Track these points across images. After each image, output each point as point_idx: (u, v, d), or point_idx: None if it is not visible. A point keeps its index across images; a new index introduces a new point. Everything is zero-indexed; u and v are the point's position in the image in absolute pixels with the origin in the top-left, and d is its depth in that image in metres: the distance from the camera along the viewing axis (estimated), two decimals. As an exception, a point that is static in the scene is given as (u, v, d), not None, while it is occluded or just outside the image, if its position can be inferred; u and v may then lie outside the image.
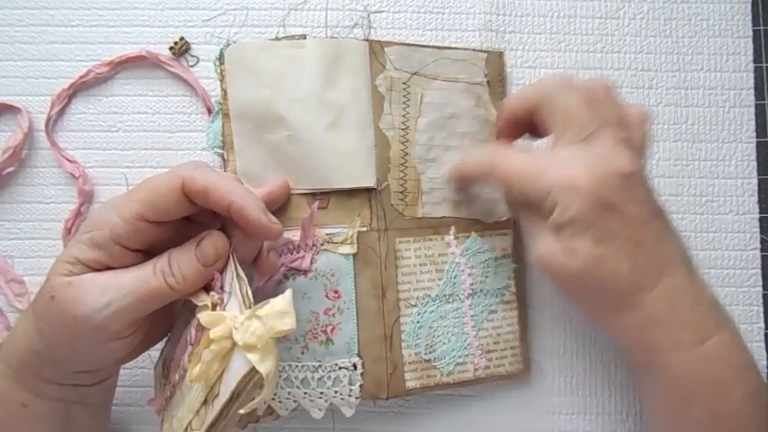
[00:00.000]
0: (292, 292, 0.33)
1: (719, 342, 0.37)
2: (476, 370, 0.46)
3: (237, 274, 0.35)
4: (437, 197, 0.46)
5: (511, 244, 0.48)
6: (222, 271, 0.36)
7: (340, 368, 0.44)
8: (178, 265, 0.35)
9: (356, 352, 0.44)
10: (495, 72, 0.48)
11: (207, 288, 0.36)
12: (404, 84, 0.46)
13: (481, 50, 0.48)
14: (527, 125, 0.42)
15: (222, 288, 0.35)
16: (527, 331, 0.48)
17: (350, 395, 0.44)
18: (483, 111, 0.47)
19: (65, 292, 0.34)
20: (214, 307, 0.35)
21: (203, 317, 0.33)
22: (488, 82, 0.48)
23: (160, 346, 0.42)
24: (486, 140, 0.47)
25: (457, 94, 0.47)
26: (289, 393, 0.44)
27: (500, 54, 0.49)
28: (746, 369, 0.38)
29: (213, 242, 0.36)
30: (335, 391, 0.44)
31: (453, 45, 0.49)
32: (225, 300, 0.35)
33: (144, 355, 0.44)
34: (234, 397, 0.32)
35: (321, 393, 0.44)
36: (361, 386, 0.44)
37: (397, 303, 0.45)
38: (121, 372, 0.44)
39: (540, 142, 0.44)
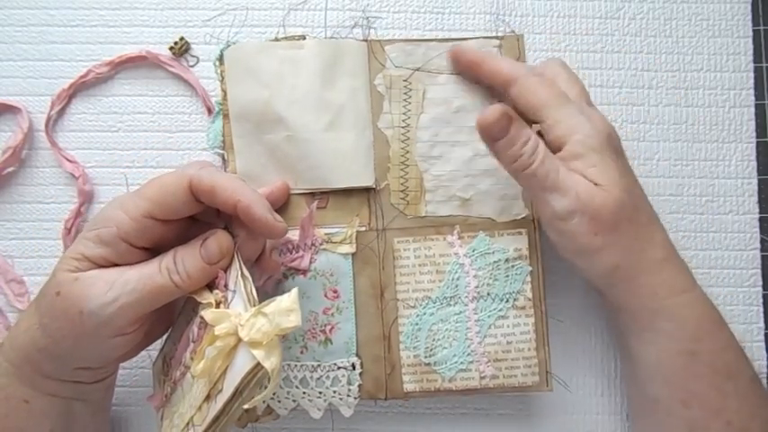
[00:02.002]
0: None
1: (700, 289, 0.42)
2: (482, 378, 0.45)
3: (242, 273, 0.36)
4: (442, 195, 0.46)
5: (526, 245, 0.46)
6: (226, 269, 0.37)
7: (339, 368, 0.45)
8: (183, 263, 0.36)
9: (355, 352, 0.45)
10: (513, 58, 0.47)
11: (210, 286, 0.38)
12: (405, 81, 0.47)
13: (495, 37, 0.48)
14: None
15: (226, 286, 0.37)
16: (546, 341, 0.46)
17: (348, 395, 0.45)
18: (496, 101, 0.45)
19: (71, 288, 0.36)
20: (218, 305, 0.36)
21: (208, 314, 0.35)
22: None
23: (158, 344, 0.43)
24: None
25: (465, 87, 0.47)
26: (288, 393, 0.45)
27: (518, 38, 0.48)
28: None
29: (218, 241, 0.37)
30: (334, 391, 0.45)
31: (462, 36, 0.49)
32: (229, 298, 0.36)
33: (144, 356, 0.45)
34: (237, 393, 0.34)
35: (320, 393, 0.45)
36: (359, 386, 0.45)
37: (395, 304, 0.46)
38: (121, 372, 0.45)
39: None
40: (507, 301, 0.45)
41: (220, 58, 0.46)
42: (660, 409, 0.42)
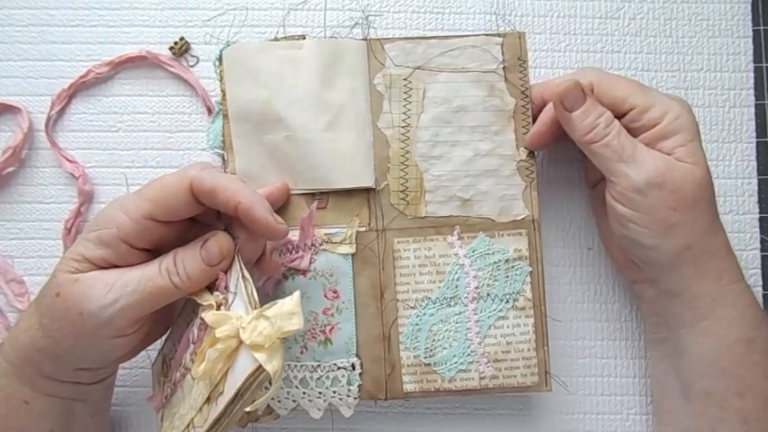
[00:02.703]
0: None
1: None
2: (481, 379, 0.45)
3: (243, 275, 0.36)
4: (442, 195, 0.46)
5: (526, 245, 0.46)
6: (227, 271, 0.38)
7: (338, 368, 0.45)
8: (183, 265, 0.37)
9: (354, 352, 0.45)
10: (514, 56, 0.47)
11: (211, 288, 0.38)
12: (405, 80, 0.47)
13: (496, 34, 0.47)
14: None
15: (227, 288, 0.37)
16: (545, 341, 0.46)
17: (348, 395, 0.45)
18: (497, 100, 0.46)
19: (71, 289, 0.36)
20: (218, 307, 0.36)
21: (209, 316, 0.35)
22: (505, 68, 0.47)
23: (158, 344, 0.43)
24: (501, 132, 0.46)
25: (466, 85, 0.47)
26: (288, 393, 0.45)
27: (520, 35, 0.47)
28: None
29: (218, 242, 0.37)
30: (334, 391, 0.45)
31: (462, 34, 0.49)
32: (229, 300, 0.36)
33: (143, 356, 0.46)
34: (238, 395, 0.34)
35: (320, 393, 0.45)
36: (359, 386, 0.45)
37: (395, 304, 0.46)
38: (121, 372, 0.45)
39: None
40: (507, 301, 0.46)
41: (220, 58, 0.46)
42: (711, 403, 0.42)
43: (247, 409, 0.34)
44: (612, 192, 0.42)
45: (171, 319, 0.42)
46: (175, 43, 0.50)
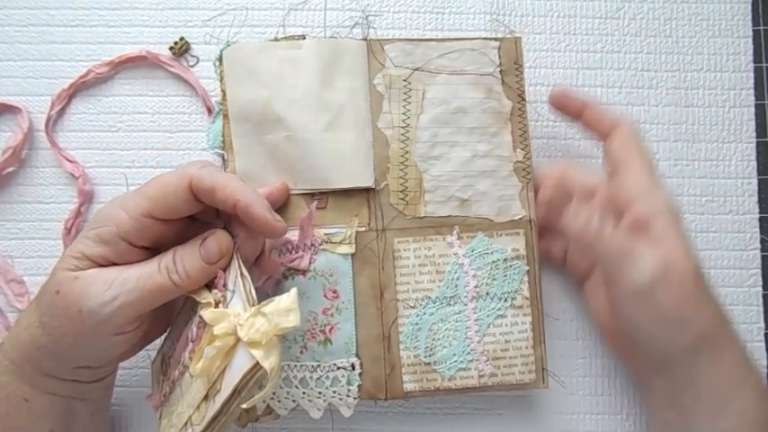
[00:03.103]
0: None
1: None
2: (480, 377, 0.45)
3: (241, 273, 0.36)
4: (441, 196, 0.46)
5: (524, 244, 0.46)
6: (225, 269, 0.38)
7: (338, 368, 0.45)
8: (182, 262, 0.37)
9: (354, 352, 0.45)
10: (510, 60, 0.47)
11: (209, 286, 0.38)
12: (404, 81, 0.47)
13: (493, 38, 0.47)
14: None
15: (225, 286, 0.37)
16: (542, 338, 0.46)
17: (348, 395, 0.45)
18: (495, 102, 0.47)
19: (71, 287, 0.36)
20: (217, 304, 0.36)
21: (207, 314, 0.35)
22: (502, 71, 0.47)
23: (157, 343, 0.44)
24: (498, 134, 0.47)
25: (464, 87, 0.47)
26: (287, 393, 0.45)
27: (516, 40, 0.47)
28: None
29: (217, 240, 0.37)
30: (334, 391, 0.45)
31: (461, 36, 0.49)
32: (228, 297, 0.36)
33: (143, 356, 0.46)
34: (236, 392, 0.34)
35: (319, 393, 0.45)
36: (359, 386, 0.45)
37: (395, 304, 0.46)
38: (121, 372, 0.45)
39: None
40: (506, 300, 0.46)
41: (220, 59, 0.46)
42: None
43: (244, 405, 0.34)
44: (617, 293, 0.41)
45: (170, 317, 0.42)
46: (175, 43, 0.51)
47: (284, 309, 0.34)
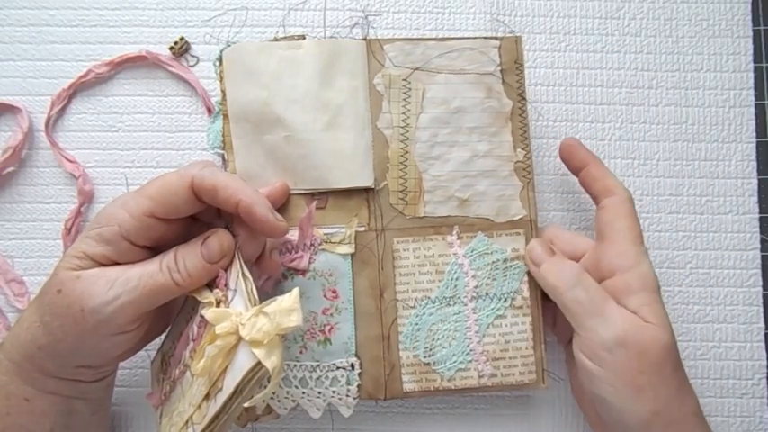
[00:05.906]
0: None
1: None
2: (480, 377, 0.45)
3: (243, 273, 0.37)
4: (441, 196, 0.47)
5: (524, 245, 0.46)
6: (227, 269, 0.38)
7: (338, 368, 0.45)
8: (184, 262, 0.37)
9: (354, 352, 0.46)
10: (511, 59, 0.47)
11: (211, 285, 0.38)
12: (404, 80, 0.47)
13: (494, 38, 0.47)
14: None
15: (227, 285, 0.37)
16: (542, 339, 0.46)
17: (348, 395, 0.45)
18: (495, 102, 0.47)
19: (72, 286, 0.37)
20: (218, 304, 0.37)
21: (209, 313, 0.35)
22: (502, 71, 0.47)
23: (157, 342, 0.44)
24: (498, 133, 0.47)
25: (464, 87, 0.47)
26: (287, 393, 0.45)
27: (516, 39, 0.47)
28: None
29: (219, 240, 0.38)
30: (333, 391, 0.45)
31: (461, 36, 0.49)
32: (229, 297, 0.37)
33: (143, 356, 0.46)
34: (237, 391, 0.34)
35: (319, 393, 0.45)
36: (358, 386, 0.45)
37: (394, 304, 0.46)
38: (121, 371, 0.46)
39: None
40: (505, 300, 0.46)
41: (220, 59, 0.46)
42: None
43: (246, 404, 0.34)
44: (581, 345, 0.42)
45: (171, 316, 0.43)
46: (175, 43, 0.51)
47: (286, 308, 0.34)
